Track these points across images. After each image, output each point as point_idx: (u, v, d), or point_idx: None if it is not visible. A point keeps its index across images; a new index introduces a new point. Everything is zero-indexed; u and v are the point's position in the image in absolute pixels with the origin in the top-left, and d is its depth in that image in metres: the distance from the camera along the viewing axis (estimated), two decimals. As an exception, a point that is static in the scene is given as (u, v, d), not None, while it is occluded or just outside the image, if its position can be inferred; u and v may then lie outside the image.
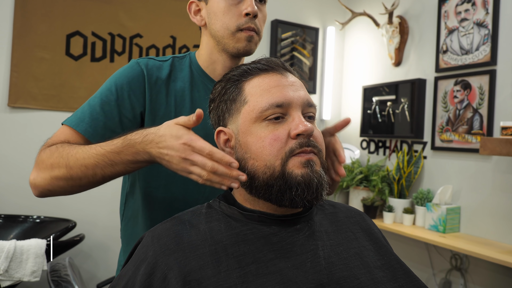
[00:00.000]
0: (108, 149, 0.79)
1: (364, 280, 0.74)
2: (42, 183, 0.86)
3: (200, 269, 0.66)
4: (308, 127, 0.74)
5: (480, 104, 2.28)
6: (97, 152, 0.80)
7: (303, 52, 3.11)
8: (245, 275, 0.67)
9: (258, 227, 0.75)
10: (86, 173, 0.81)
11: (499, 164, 2.19)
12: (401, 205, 2.57)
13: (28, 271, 1.75)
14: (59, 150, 0.85)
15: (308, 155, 0.75)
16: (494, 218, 2.20)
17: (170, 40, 2.65)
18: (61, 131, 0.94)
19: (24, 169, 2.29)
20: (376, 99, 2.94)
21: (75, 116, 0.95)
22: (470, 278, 2.34)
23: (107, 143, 0.80)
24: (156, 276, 0.66)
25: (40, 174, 0.86)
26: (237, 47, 0.98)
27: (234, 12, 0.97)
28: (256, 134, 0.76)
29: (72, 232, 2.19)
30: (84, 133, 0.92)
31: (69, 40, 2.39)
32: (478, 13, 2.32)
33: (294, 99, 0.78)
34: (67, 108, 2.38)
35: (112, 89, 0.97)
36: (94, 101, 0.96)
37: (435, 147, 2.52)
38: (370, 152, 3.05)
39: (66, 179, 0.84)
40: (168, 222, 0.76)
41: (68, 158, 0.83)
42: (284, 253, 0.73)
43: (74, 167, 0.82)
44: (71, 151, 0.83)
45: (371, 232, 0.87)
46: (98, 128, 0.93)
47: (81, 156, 0.81)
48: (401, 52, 2.78)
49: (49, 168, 0.85)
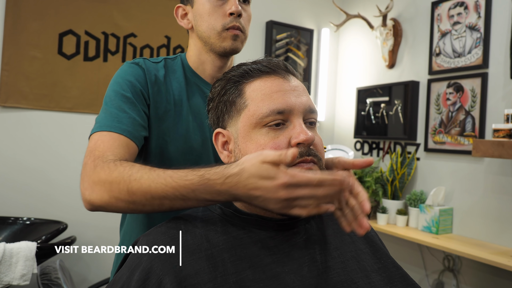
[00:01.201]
0: (181, 184, 0.71)
1: (361, 284, 0.74)
2: (99, 202, 0.80)
3: (196, 274, 0.66)
4: (309, 136, 0.73)
5: (472, 107, 2.29)
6: (166, 183, 0.73)
7: (297, 53, 3.11)
8: (242, 280, 0.67)
9: (255, 231, 0.74)
10: (152, 202, 0.75)
11: (491, 166, 2.20)
12: (395, 206, 2.58)
13: (17, 274, 1.72)
14: (119, 169, 0.79)
15: (308, 164, 0.73)
16: (486, 220, 2.22)
17: (164, 40, 2.64)
18: (101, 140, 0.88)
19: (15, 169, 2.26)
20: (370, 100, 2.95)
21: (102, 121, 0.91)
22: (462, 279, 2.35)
23: (179, 176, 0.72)
24: (151, 282, 0.65)
25: (97, 190, 0.79)
26: (224, 46, 1.01)
27: (219, 12, 1.00)
28: (256, 140, 0.75)
29: (63, 234, 2.16)
30: (124, 132, 0.89)
31: (62, 39, 2.36)
32: (471, 17, 2.33)
33: (296, 105, 0.76)
34: (59, 108, 2.36)
35: (124, 87, 0.96)
36: (114, 102, 0.94)
37: (428, 148, 2.54)
38: (364, 154, 3.06)
39: (128, 202, 0.77)
40: (163, 226, 0.75)
41: (130, 182, 0.76)
42: (281, 257, 0.72)
43: (137, 193, 0.75)
44: (133, 173, 0.77)
45: (367, 235, 0.87)
46: (132, 124, 0.92)
47: (146, 183, 0.74)
48: (394, 54, 2.79)
49: (108, 187, 0.78)
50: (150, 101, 0.99)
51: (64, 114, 2.39)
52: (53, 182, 2.34)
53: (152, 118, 0.99)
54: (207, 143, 1.03)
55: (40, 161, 2.32)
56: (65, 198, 2.35)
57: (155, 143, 1.00)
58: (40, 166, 2.32)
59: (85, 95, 2.42)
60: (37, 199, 2.31)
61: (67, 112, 2.39)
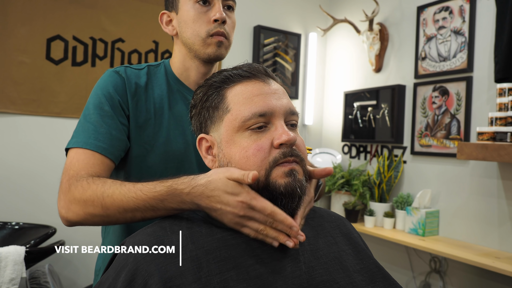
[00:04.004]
0: (150, 196, 0.77)
1: (343, 284, 0.75)
2: (75, 218, 0.85)
3: (181, 275, 0.67)
4: (291, 136, 0.75)
5: (457, 110, 2.33)
6: (137, 196, 0.78)
7: (285, 57, 3.14)
8: (226, 280, 0.68)
9: (239, 233, 0.76)
10: (125, 215, 0.80)
11: (475, 169, 2.24)
12: (382, 209, 2.61)
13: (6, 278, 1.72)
14: (92, 187, 0.83)
15: (291, 164, 0.75)
16: (472, 221, 2.25)
17: (152, 45, 2.65)
18: (76, 158, 0.91)
19: (3, 175, 2.25)
20: (357, 104, 2.98)
21: (79, 137, 0.93)
22: (449, 280, 2.38)
23: (148, 188, 0.78)
24: (136, 283, 0.66)
25: (72, 208, 0.85)
26: (208, 52, 1.02)
27: (203, 19, 1.01)
28: (239, 144, 0.77)
29: (52, 238, 2.16)
30: (99, 149, 0.92)
31: (50, 44, 2.36)
32: (455, 21, 2.37)
33: (277, 108, 0.78)
34: (47, 113, 2.35)
35: (102, 100, 0.97)
36: (92, 116, 0.95)
37: (415, 151, 2.57)
38: (351, 157, 3.09)
39: (102, 217, 0.82)
40: (149, 228, 0.76)
41: (103, 198, 0.81)
42: (264, 258, 0.73)
43: (111, 208, 0.80)
44: (106, 190, 0.82)
45: (350, 236, 0.88)
46: (108, 140, 0.93)
47: (118, 198, 0.80)
48: (381, 58, 2.83)
49: (82, 205, 0.83)
50: (130, 112, 0.99)
51: (52, 119, 2.38)
52: (41, 187, 2.33)
53: (132, 128, 1.00)
54: (189, 149, 1.04)
55: (28, 166, 2.31)
56: (54, 202, 2.32)
57: (136, 152, 1.00)
58: (28, 171, 2.31)
59: (73, 100, 2.41)
60: (26, 203, 2.29)
61: (55, 117, 2.39)
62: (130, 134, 1.00)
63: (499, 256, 2.01)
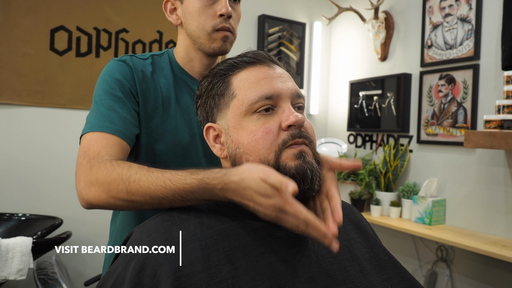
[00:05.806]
0: (179, 187, 0.74)
1: (353, 272, 0.75)
2: (96, 201, 0.82)
3: (191, 265, 0.66)
4: (299, 117, 0.74)
5: (464, 98, 2.31)
6: (165, 186, 0.75)
7: (290, 47, 3.12)
8: (236, 269, 0.68)
9: (248, 221, 0.75)
10: (151, 202, 0.77)
11: (482, 157, 2.23)
12: (388, 198, 2.61)
13: (14, 269, 1.73)
14: (117, 170, 0.80)
15: (300, 146, 0.74)
16: (478, 210, 2.25)
17: (156, 35, 2.63)
18: (95, 139, 0.89)
19: (9, 166, 2.25)
20: (362, 93, 2.96)
21: (93, 121, 0.92)
22: (455, 269, 2.38)
23: (178, 179, 0.75)
24: (146, 272, 0.66)
25: (94, 190, 0.82)
26: (213, 47, 1.01)
27: (209, 13, 0.99)
28: (247, 128, 0.76)
29: (59, 229, 2.17)
30: (116, 132, 0.90)
31: (54, 35, 2.35)
32: (462, 9, 2.34)
33: (283, 90, 0.77)
34: (52, 104, 2.35)
35: (114, 86, 0.96)
36: (104, 102, 0.94)
37: (421, 140, 2.56)
38: (357, 146, 3.08)
39: (126, 201, 0.80)
40: (158, 217, 0.76)
41: (129, 183, 0.78)
42: (274, 246, 0.73)
43: (136, 194, 0.77)
44: (132, 175, 0.79)
45: (360, 225, 0.88)
46: (123, 124, 0.92)
47: (145, 185, 0.77)
48: (387, 47, 2.80)
49: (106, 187, 0.80)
50: (139, 99, 0.99)
51: (57, 110, 2.38)
52: (47, 178, 2.34)
53: (142, 115, 0.99)
54: (195, 139, 1.04)
55: (34, 158, 2.31)
56: (60, 194, 2.35)
57: (145, 140, 1.00)
58: (34, 163, 2.31)
59: (78, 91, 2.41)
60: (32, 195, 2.30)
61: (60, 108, 2.38)
62: (140, 122, 0.99)
63: (506, 244, 2.00)
